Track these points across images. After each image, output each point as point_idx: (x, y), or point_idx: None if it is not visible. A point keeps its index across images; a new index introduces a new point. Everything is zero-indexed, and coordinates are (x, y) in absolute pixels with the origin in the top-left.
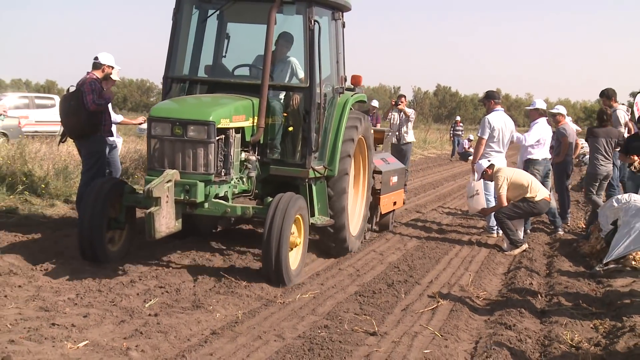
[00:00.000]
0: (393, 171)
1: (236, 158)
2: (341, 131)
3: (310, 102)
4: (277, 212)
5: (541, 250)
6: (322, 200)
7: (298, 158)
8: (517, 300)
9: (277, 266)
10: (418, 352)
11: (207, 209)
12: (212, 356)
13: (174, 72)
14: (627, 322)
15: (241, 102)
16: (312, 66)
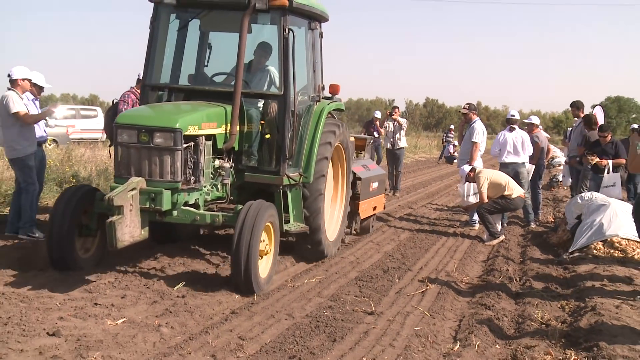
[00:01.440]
0: (373, 177)
1: (207, 165)
2: (317, 138)
3: (284, 110)
4: (246, 221)
5: (516, 240)
6: (298, 207)
7: (273, 165)
8: (495, 284)
9: (246, 275)
10: (410, 329)
11: (176, 216)
12: (231, 332)
13: (152, 80)
14: (589, 302)
15: (212, 110)
16: (286, 74)
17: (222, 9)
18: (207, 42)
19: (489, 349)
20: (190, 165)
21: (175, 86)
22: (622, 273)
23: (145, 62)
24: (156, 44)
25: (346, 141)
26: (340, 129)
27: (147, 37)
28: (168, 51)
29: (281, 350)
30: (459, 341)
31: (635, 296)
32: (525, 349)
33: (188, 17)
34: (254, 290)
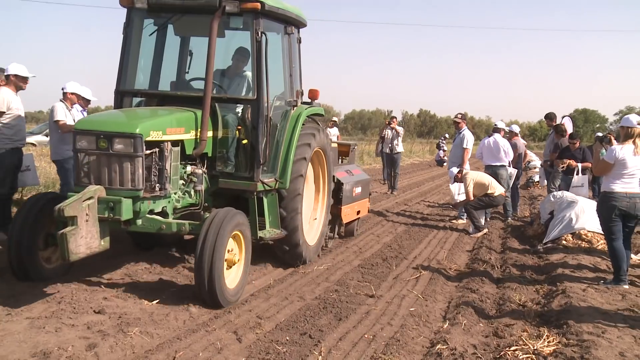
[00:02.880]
0: (356, 182)
1: (175, 172)
2: (293, 143)
3: (258, 115)
4: (209, 231)
5: (497, 233)
6: (274, 213)
7: (247, 171)
8: (479, 271)
9: (210, 287)
10: (405, 310)
11: (140, 225)
12: (251, 312)
13: (125, 85)
14: (560, 286)
15: (180, 115)
16: (259, 79)
17: (194, 12)
18: (187, 48)
19: (474, 326)
20: (155, 172)
21: (148, 92)
22: (588, 261)
23: (119, 69)
24: (129, 49)
25: (326, 146)
26: (320, 133)
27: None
28: (147, 57)
29: (294, 328)
30: (448, 320)
31: (599, 281)
32: (505, 327)
33: (161, 21)
34: (219, 303)
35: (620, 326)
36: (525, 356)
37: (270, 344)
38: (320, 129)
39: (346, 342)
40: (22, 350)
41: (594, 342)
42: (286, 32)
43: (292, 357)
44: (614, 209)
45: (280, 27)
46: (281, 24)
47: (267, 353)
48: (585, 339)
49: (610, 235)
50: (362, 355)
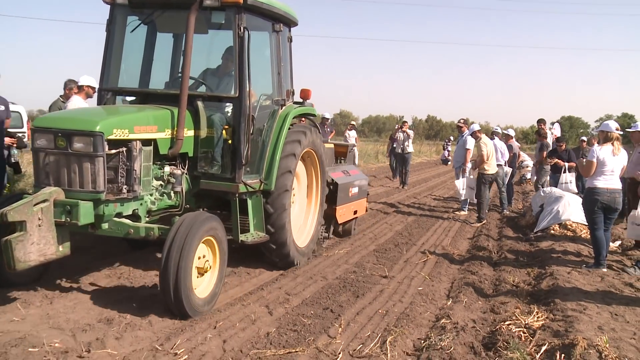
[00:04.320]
0: (353, 182)
1: (146, 173)
2: (280, 144)
3: (239, 113)
4: (176, 237)
5: (494, 223)
6: (258, 215)
7: (228, 172)
8: (479, 256)
9: (176, 297)
10: (414, 289)
11: (107, 229)
12: (280, 289)
13: (108, 83)
14: (549, 269)
15: (152, 112)
16: (241, 76)
17: (174, 8)
18: (180, 47)
19: (473, 304)
20: (122, 173)
21: (130, 90)
22: (572, 248)
23: (102, 66)
24: (112, 47)
25: (318, 146)
26: (311, 134)
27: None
28: (135, 55)
29: (317, 303)
30: (451, 298)
31: (582, 265)
32: (501, 304)
33: (143, 18)
34: (186, 314)
35: (599, 304)
36: (517, 330)
37: (297, 317)
38: (312, 128)
39: (363, 316)
40: (90, 316)
41: (576, 318)
42: (274, 29)
43: (316, 328)
44: (597, 202)
45: (268, 25)
46: (268, 20)
47: (295, 324)
48: (569, 315)
49: (593, 225)
50: (376, 328)
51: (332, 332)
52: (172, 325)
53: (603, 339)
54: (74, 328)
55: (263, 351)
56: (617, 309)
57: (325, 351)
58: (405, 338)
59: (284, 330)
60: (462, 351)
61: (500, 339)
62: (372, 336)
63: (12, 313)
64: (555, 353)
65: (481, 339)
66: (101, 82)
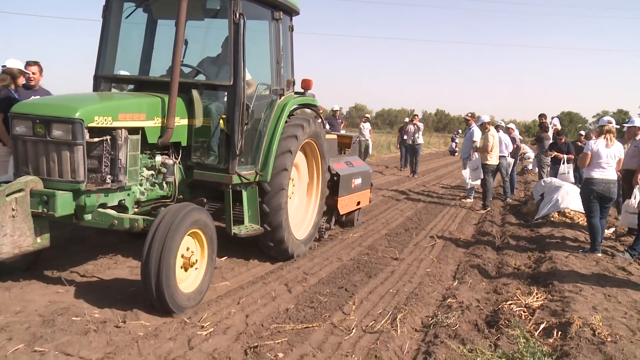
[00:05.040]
0: (356, 174)
1: (132, 162)
2: (277, 134)
3: (234, 102)
4: (159, 228)
5: (498, 210)
6: (253, 207)
7: (221, 162)
8: (483, 240)
9: (158, 294)
10: (423, 270)
11: (91, 220)
12: (299, 269)
13: (103, 71)
14: (548, 254)
15: (140, 100)
16: (236, 63)
17: None
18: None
19: (477, 285)
20: (106, 162)
21: (124, 77)
22: (570, 234)
23: (98, 53)
24: (108, 34)
25: (319, 136)
26: (310, 124)
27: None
28: (134, 43)
29: (333, 282)
30: (457, 279)
31: (578, 250)
32: (503, 285)
33: (139, 4)
34: (170, 310)
35: (593, 286)
36: (518, 309)
37: (314, 294)
38: (310, 119)
39: (375, 295)
40: (125, 290)
41: (572, 298)
42: (273, 17)
43: (332, 305)
44: (593, 192)
45: (267, 12)
46: (267, 8)
47: (312, 302)
48: (566, 296)
49: (589, 213)
50: (387, 306)
51: (347, 309)
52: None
53: (597, 318)
54: (111, 301)
55: (282, 325)
56: (610, 291)
57: (340, 326)
58: (414, 315)
59: (302, 306)
60: (467, 328)
61: (502, 318)
62: (384, 313)
63: (58, 286)
64: (552, 330)
65: (484, 317)
66: (96, 70)
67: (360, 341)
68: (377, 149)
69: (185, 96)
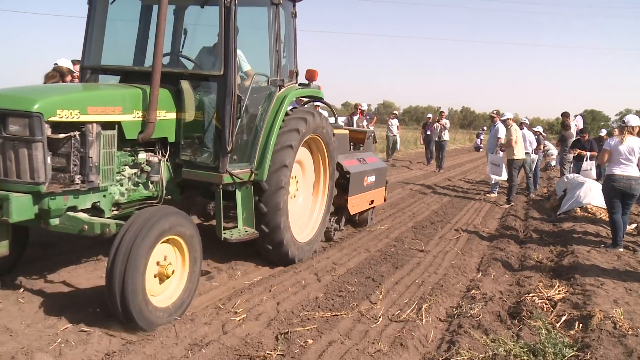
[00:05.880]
0: (369, 171)
1: (107, 160)
2: (275, 129)
3: (224, 93)
4: (126, 236)
5: (521, 205)
6: (248, 208)
7: (212, 160)
8: (507, 234)
9: (124, 309)
10: (447, 262)
11: (59, 225)
12: (328, 259)
13: (90, 61)
14: (570, 248)
15: (114, 91)
16: (227, 51)
17: None
18: (181, 25)
19: (501, 277)
20: (75, 161)
21: (110, 67)
22: (592, 229)
23: (84, 42)
24: (94, 22)
25: (325, 132)
26: (315, 118)
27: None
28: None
29: (361, 273)
30: (481, 271)
31: (600, 245)
32: (525, 278)
33: None
34: (140, 327)
35: (615, 280)
36: (540, 301)
37: (343, 284)
38: (315, 113)
39: (401, 285)
40: None
41: (594, 292)
42: (272, 2)
43: (359, 294)
44: (614, 188)
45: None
46: None
47: (340, 291)
48: (588, 289)
49: (611, 209)
50: (413, 296)
51: (374, 299)
52: (233, 287)
53: (618, 312)
54: None
55: (312, 313)
56: (631, 285)
57: (367, 315)
58: (439, 306)
59: (330, 295)
60: (490, 319)
61: (525, 309)
62: (409, 303)
63: (102, 271)
64: (574, 323)
65: (507, 308)
66: (82, 60)
67: (387, 329)
68: (404, 144)
69: (173, 88)
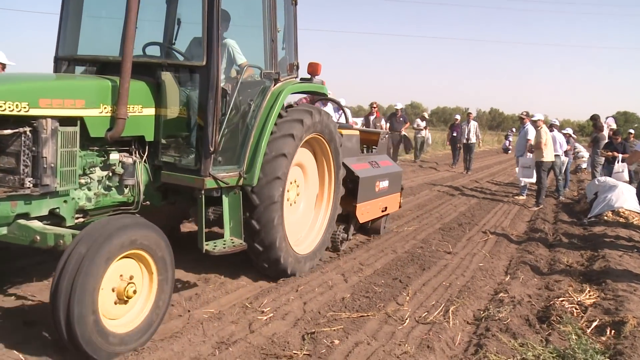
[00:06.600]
0: (381, 175)
1: (67, 160)
2: (267, 128)
3: (207, 86)
4: (76, 250)
5: (551, 208)
6: (236, 217)
7: (193, 162)
8: (535, 237)
9: (70, 336)
10: (475, 265)
11: (8, 235)
12: (355, 259)
13: (64, 51)
14: (601, 252)
15: (75, 82)
16: (210, 38)
17: None
18: (175, 15)
19: (529, 280)
20: (26, 162)
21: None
22: (624, 234)
23: (58, 31)
24: (68, 9)
25: (329, 131)
26: (314, 117)
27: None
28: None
29: (387, 274)
30: (509, 274)
31: (632, 249)
32: (555, 282)
33: None
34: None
35: None
36: (570, 306)
37: (370, 285)
38: (317, 110)
39: (428, 287)
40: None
41: (626, 297)
42: None
43: (386, 296)
44: None
45: None
46: None
47: (367, 291)
48: (620, 295)
49: None
50: (440, 298)
51: (400, 300)
52: (260, 286)
53: None
54: (177, 283)
55: (338, 313)
56: None
57: (393, 316)
58: (466, 308)
59: (357, 296)
60: (518, 322)
61: (554, 314)
62: (436, 305)
63: None
64: (605, 329)
65: (536, 312)
66: (57, 50)
67: (413, 331)
68: (432, 145)
69: (153, 80)
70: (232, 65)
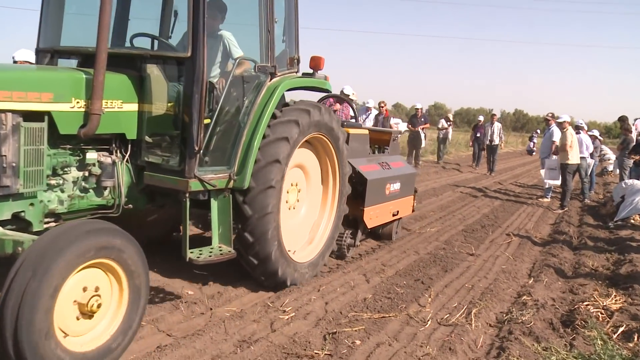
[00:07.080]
0: (392, 177)
1: (33, 160)
2: (261, 126)
3: (192, 80)
4: (28, 258)
5: (576, 211)
6: (225, 222)
7: (177, 162)
8: (560, 240)
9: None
10: (498, 267)
11: None
12: (377, 260)
13: (46, 42)
14: (627, 257)
15: (42, 73)
16: (196, 27)
17: None
18: (171, 7)
19: (553, 284)
20: None
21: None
22: None
23: (39, 24)
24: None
25: (331, 129)
26: (313, 115)
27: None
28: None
29: (409, 275)
30: (533, 277)
31: None
32: (579, 286)
33: None
34: None
35: None
36: (595, 310)
37: (391, 285)
38: (318, 107)
39: (450, 289)
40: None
41: None
42: None
43: (408, 297)
44: None
45: None
46: None
47: (389, 292)
48: None
49: None
50: (462, 300)
51: (422, 302)
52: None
53: None
54: (200, 281)
55: (360, 314)
56: None
57: (415, 318)
58: (489, 311)
59: (379, 296)
60: (542, 326)
61: (579, 318)
62: (459, 307)
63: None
64: (632, 335)
65: (560, 316)
66: (38, 42)
67: (435, 333)
68: (455, 146)
69: (136, 74)
70: (228, 58)
